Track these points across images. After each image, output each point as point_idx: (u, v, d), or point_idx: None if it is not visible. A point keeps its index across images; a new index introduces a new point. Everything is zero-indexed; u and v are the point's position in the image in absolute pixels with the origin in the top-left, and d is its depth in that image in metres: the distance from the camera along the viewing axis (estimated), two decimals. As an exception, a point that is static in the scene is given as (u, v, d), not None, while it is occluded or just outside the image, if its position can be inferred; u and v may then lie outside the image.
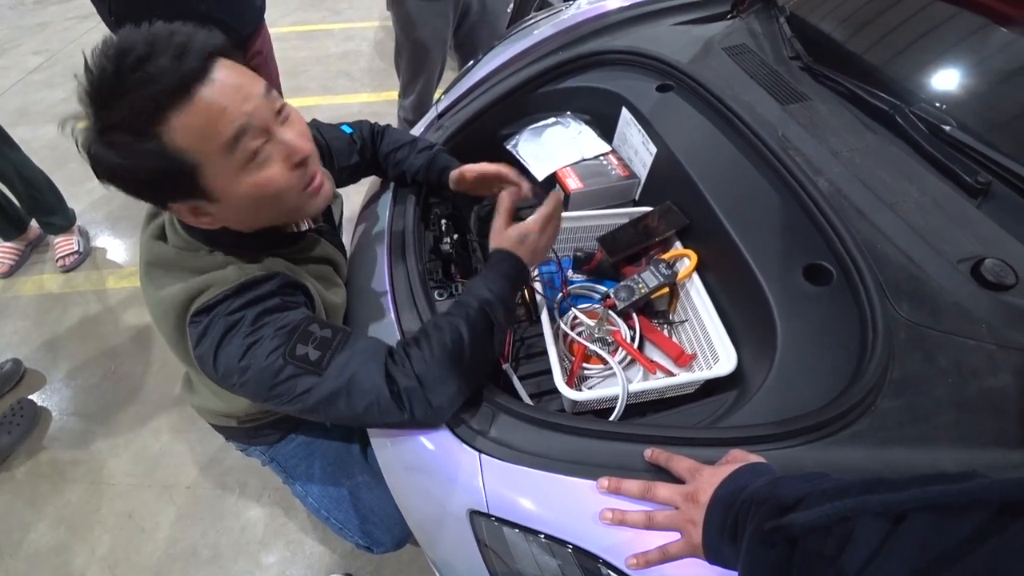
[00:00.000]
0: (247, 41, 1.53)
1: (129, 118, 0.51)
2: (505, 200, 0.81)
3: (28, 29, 3.87)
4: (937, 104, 0.92)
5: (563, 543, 0.60)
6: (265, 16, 1.59)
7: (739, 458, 0.56)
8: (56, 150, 2.65)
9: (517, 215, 0.83)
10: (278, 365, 0.60)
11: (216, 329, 0.61)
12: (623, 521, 0.57)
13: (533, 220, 0.77)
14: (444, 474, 0.67)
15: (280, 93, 0.73)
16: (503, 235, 0.77)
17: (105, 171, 0.54)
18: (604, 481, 0.60)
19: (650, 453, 0.61)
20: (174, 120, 0.52)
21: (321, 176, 0.67)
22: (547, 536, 0.61)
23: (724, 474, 0.53)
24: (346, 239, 0.97)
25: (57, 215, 2.06)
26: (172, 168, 0.54)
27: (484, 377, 0.71)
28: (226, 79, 0.55)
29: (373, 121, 1.02)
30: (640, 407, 0.83)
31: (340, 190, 0.94)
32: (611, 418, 0.76)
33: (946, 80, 0.98)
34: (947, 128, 0.87)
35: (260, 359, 0.60)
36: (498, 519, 0.64)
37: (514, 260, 0.74)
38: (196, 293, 0.62)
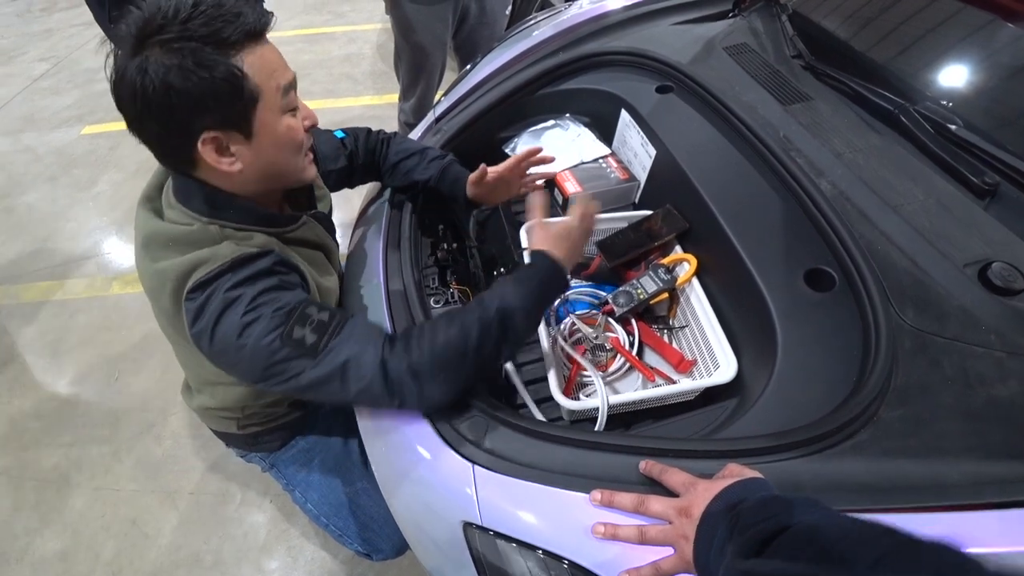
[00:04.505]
0: None
1: (214, 34, 0.57)
2: (537, 198, 0.81)
3: (34, 36, 3.91)
4: (943, 102, 0.90)
5: (557, 557, 0.59)
6: None
7: (735, 472, 0.55)
8: (62, 156, 2.68)
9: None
10: (275, 347, 0.61)
11: (214, 306, 0.62)
12: (615, 535, 0.56)
13: (574, 216, 0.77)
14: (438, 484, 0.67)
15: None
16: (544, 232, 0.75)
17: (153, 84, 0.55)
18: (597, 494, 0.58)
19: (644, 465, 0.59)
20: (248, 53, 0.60)
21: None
22: (540, 550, 0.60)
23: (718, 489, 0.52)
24: (343, 244, 0.96)
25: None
26: (236, 88, 0.59)
27: (482, 376, 0.69)
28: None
29: (377, 128, 1.01)
30: (639, 415, 0.82)
31: (332, 195, 0.94)
32: (594, 429, 0.75)
33: (952, 78, 0.96)
34: (953, 127, 0.85)
35: (257, 339, 0.61)
36: (491, 532, 0.63)
37: (553, 266, 0.71)
38: (192, 267, 0.63)
